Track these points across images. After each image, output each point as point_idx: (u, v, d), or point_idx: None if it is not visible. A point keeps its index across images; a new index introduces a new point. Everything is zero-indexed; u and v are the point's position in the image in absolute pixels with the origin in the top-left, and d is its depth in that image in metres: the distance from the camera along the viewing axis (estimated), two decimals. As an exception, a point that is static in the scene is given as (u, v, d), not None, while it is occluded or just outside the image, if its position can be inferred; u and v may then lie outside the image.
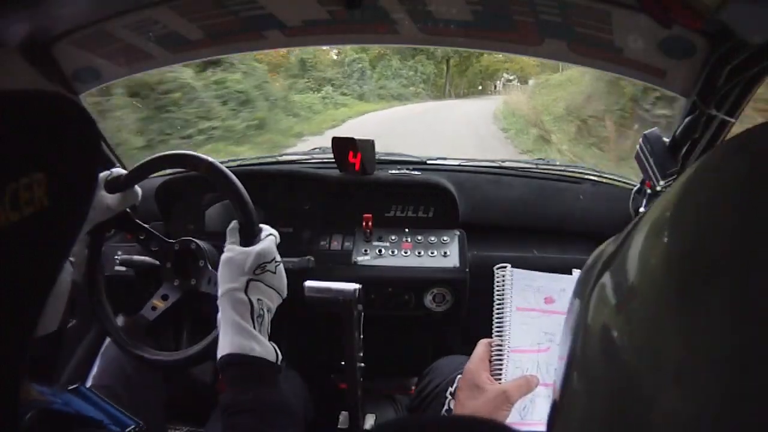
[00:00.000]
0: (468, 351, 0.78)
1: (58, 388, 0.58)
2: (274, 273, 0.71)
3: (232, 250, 0.71)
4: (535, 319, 0.63)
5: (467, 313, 1.02)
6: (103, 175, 0.82)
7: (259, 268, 0.69)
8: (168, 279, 0.85)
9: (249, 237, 0.73)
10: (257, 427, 0.59)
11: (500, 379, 0.61)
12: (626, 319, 0.20)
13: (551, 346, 0.63)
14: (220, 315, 0.67)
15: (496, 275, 0.65)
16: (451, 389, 0.81)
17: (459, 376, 0.82)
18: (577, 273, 0.66)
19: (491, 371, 0.62)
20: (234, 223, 0.75)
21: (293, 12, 0.93)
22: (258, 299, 0.68)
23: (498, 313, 0.64)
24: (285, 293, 0.74)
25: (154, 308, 0.83)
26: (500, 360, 0.62)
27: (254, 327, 0.66)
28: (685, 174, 0.22)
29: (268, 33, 1.00)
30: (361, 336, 0.80)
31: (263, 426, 0.59)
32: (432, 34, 0.96)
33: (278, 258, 0.72)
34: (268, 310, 0.69)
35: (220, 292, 0.68)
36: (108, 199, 0.82)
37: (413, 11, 0.90)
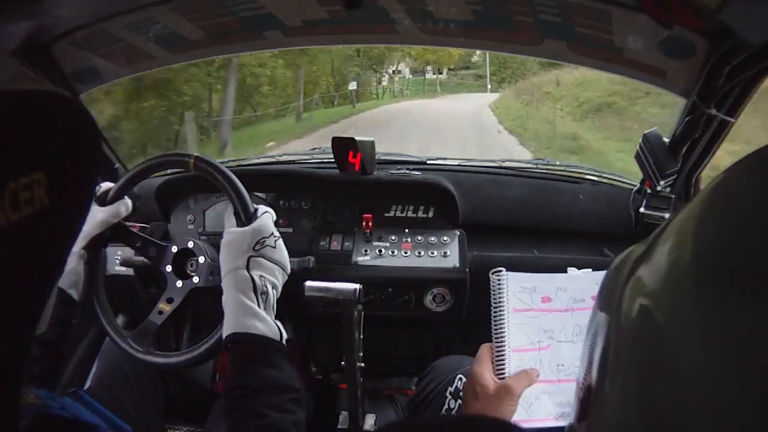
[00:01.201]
0: (468, 351, 0.79)
1: (58, 391, 0.57)
2: (274, 247, 0.71)
3: (230, 233, 0.72)
4: (534, 319, 0.65)
5: (467, 313, 1.02)
6: None
7: (258, 243, 0.70)
8: (170, 282, 0.85)
9: (245, 218, 0.74)
10: (259, 411, 0.59)
11: (504, 378, 0.63)
12: (654, 323, 0.20)
13: (552, 343, 0.64)
14: (224, 297, 0.68)
15: (492, 280, 0.67)
16: (450, 389, 0.81)
17: (459, 375, 0.82)
18: (572, 271, 0.68)
19: (495, 372, 0.64)
20: (230, 209, 0.76)
21: (293, 12, 0.93)
22: (260, 276, 0.68)
23: (495, 317, 0.65)
24: (288, 268, 0.74)
25: (161, 312, 0.83)
26: (502, 360, 0.64)
27: (258, 305, 0.66)
28: (714, 181, 0.21)
29: (268, 33, 1.00)
30: (361, 336, 0.80)
31: (265, 410, 0.59)
32: (432, 34, 0.96)
33: (276, 233, 0.73)
34: (272, 287, 0.69)
35: (222, 274, 0.69)
36: (100, 212, 0.82)
37: (413, 11, 0.90)
